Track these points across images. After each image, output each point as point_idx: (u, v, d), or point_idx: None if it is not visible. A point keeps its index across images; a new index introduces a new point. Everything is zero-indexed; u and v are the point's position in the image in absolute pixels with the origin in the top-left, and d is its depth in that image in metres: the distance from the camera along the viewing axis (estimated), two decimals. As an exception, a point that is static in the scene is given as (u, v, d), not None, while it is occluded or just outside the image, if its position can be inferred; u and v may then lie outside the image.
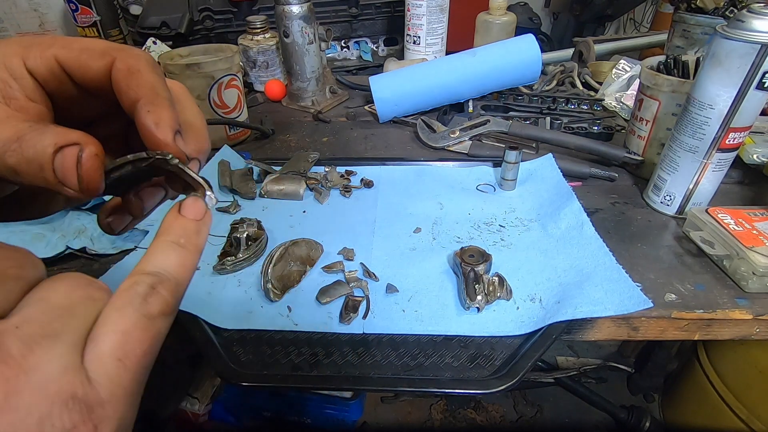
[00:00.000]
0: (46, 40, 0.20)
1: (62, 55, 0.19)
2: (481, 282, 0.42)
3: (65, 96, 0.20)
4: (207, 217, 0.20)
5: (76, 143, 0.17)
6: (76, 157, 0.17)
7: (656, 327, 0.42)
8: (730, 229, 0.44)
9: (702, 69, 0.45)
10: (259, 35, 0.90)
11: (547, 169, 0.59)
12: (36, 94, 0.19)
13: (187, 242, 0.19)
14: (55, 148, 0.17)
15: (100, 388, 0.15)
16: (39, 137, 0.17)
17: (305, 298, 0.43)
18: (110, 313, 0.16)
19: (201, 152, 0.22)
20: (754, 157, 0.58)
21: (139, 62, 0.20)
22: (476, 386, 0.35)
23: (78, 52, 0.19)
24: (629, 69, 0.83)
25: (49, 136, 0.17)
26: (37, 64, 0.19)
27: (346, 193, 0.59)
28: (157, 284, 0.17)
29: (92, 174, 0.18)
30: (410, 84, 0.77)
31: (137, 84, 0.19)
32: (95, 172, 0.18)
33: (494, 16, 0.93)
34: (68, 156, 0.17)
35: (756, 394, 0.82)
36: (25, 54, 0.19)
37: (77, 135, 0.18)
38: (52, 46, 0.19)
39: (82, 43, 0.20)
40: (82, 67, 0.19)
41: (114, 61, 0.19)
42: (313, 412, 1.08)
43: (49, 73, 0.19)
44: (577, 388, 1.10)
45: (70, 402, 0.14)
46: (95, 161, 0.18)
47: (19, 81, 0.19)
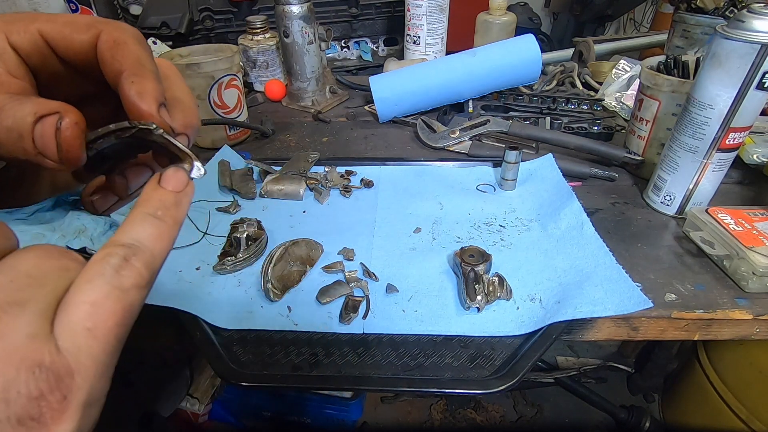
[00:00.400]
0: (29, 15, 0.19)
1: (46, 28, 0.19)
2: (481, 282, 0.42)
3: (50, 72, 0.20)
4: (188, 189, 0.20)
5: (56, 112, 0.17)
6: (55, 125, 0.17)
7: (656, 327, 0.42)
8: (730, 229, 0.44)
9: (702, 69, 0.45)
10: (259, 35, 0.90)
11: (547, 169, 0.59)
12: (19, 70, 0.19)
13: (164, 214, 0.18)
14: (35, 117, 0.17)
15: (70, 357, 0.14)
16: (19, 106, 0.17)
17: (305, 298, 0.43)
18: (81, 284, 0.16)
19: (189, 127, 0.22)
20: (754, 157, 0.58)
21: (125, 34, 0.19)
22: (476, 386, 0.35)
23: (62, 26, 0.19)
24: (629, 69, 0.83)
25: (28, 106, 0.17)
26: (21, 39, 0.19)
27: (346, 193, 0.59)
28: (130, 256, 0.17)
29: (72, 142, 0.17)
30: (410, 84, 0.77)
31: (122, 55, 0.19)
32: (75, 140, 0.18)
33: (494, 16, 0.93)
34: (48, 124, 0.17)
35: (756, 394, 0.82)
36: (8, 29, 0.19)
37: (57, 104, 0.17)
38: (36, 21, 0.19)
39: (67, 17, 0.20)
40: (66, 39, 0.19)
41: (99, 33, 0.19)
42: (313, 412, 1.08)
43: (33, 48, 0.19)
44: (577, 388, 1.10)
45: (37, 370, 0.14)
46: (75, 129, 0.18)
47: (1, 57, 0.19)
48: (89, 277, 0.16)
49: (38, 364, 0.14)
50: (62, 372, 0.14)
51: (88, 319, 0.15)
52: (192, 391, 1.04)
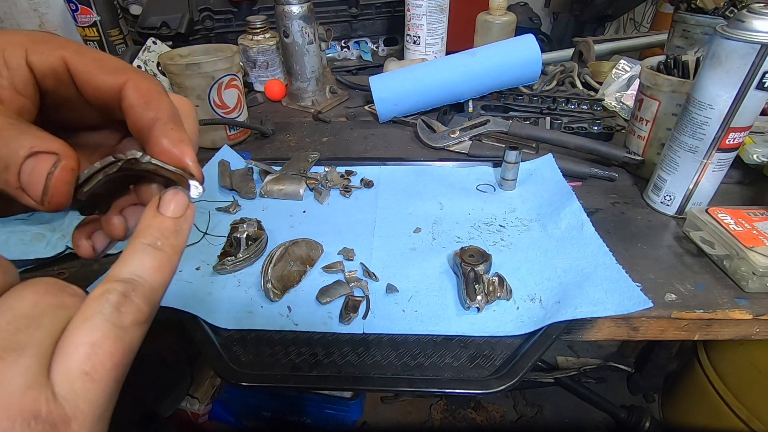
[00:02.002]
0: (59, 40, 0.19)
1: (73, 59, 0.19)
2: (481, 282, 0.42)
3: (60, 97, 0.20)
4: (189, 213, 0.19)
5: (54, 152, 0.17)
6: (50, 166, 0.16)
7: (656, 327, 0.42)
8: (730, 229, 0.44)
9: (702, 69, 0.45)
10: (259, 35, 0.90)
11: (547, 169, 0.59)
12: (26, 88, 0.19)
13: (164, 243, 0.18)
14: (30, 151, 0.16)
15: (66, 404, 0.14)
16: (17, 136, 0.16)
17: (305, 298, 0.43)
18: (79, 323, 0.15)
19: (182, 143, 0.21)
20: (754, 157, 0.58)
21: (158, 86, 0.20)
22: (476, 386, 0.35)
23: (90, 61, 0.19)
24: (629, 69, 0.83)
25: (27, 138, 0.16)
26: (42, 60, 0.19)
27: (346, 193, 0.59)
28: (130, 292, 0.16)
29: (61, 188, 0.17)
30: (410, 84, 0.77)
31: (158, 104, 0.19)
32: (64, 186, 0.17)
33: (494, 16, 0.93)
34: (41, 162, 0.16)
35: (756, 394, 0.82)
36: (32, 47, 0.18)
37: (58, 144, 0.17)
38: (64, 48, 0.19)
39: (96, 54, 0.19)
40: (90, 76, 0.19)
41: (128, 80, 0.19)
42: (313, 412, 1.08)
43: (51, 72, 0.19)
44: (577, 388, 1.10)
45: (33, 422, 0.13)
46: (68, 175, 0.17)
47: (12, 71, 0.18)
48: (87, 315, 0.15)
49: (35, 415, 0.13)
50: (58, 420, 0.14)
51: (86, 362, 0.15)
52: (192, 391, 1.04)
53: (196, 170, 0.20)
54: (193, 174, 0.20)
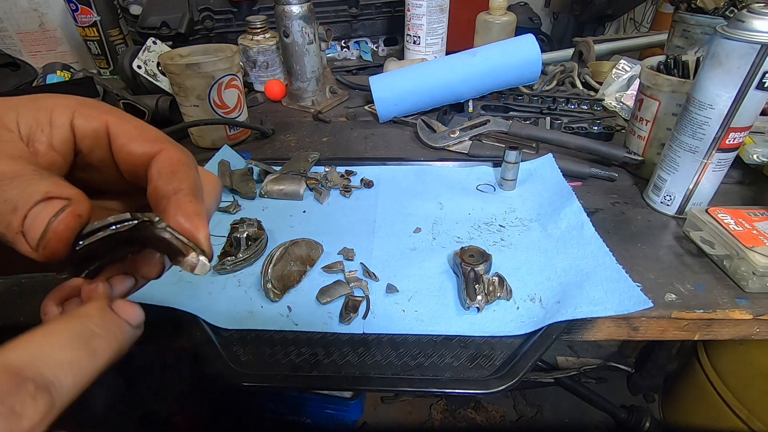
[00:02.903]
0: (106, 107, 0.20)
1: (116, 124, 0.20)
2: (481, 282, 0.42)
3: (92, 159, 0.20)
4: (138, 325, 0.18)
5: (67, 198, 0.16)
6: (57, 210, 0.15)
7: (656, 327, 0.42)
8: (730, 229, 0.44)
9: (702, 69, 0.45)
10: (259, 35, 0.90)
11: (547, 169, 0.59)
12: (63, 146, 0.19)
13: None
14: (44, 196, 0.15)
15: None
16: (36, 181, 0.16)
17: (305, 298, 0.43)
18: None
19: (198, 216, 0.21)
20: (754, 157, 0.58)
21: (189, 159, 0.20)
22: (476, 386, 0.35)
23: (133, 128, 0.20)
24: (629, 69, 0.83)
25: (45, 184, 0.16)
26: (86, 122, 0.19)
27: (346, 193, 0.59)
28: None
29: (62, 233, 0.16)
30: (410, 84, 0.77)
31: (184, 175, 0.19)
32: (65, 232, 0.16)
33: (494, 16, 0.93)
34: (50, 206, 0.15)
35: (756, 394, 0.82)
36: (80, 110, 0.19)
37: (75, 191, 0.16)
38: (110, 114, 0.20)
39: (139, 123, 0.20)
40: (130, 141, 0.20)
41: (162, 150, 0.20)
42: (313, 412, 1.08)
43: (92, 133, 0.19)
44: (577, 388, 1.10)
45: None
46: (73, 221, 0.16)
47: (54, 129, 0.19)
48: None
49: None
50: None
51: None
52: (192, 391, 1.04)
53: (207, 246, 0.19)
54: (204, 250, 0.19)
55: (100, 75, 1.04)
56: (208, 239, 0.19)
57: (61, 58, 1.05)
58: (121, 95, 0.75)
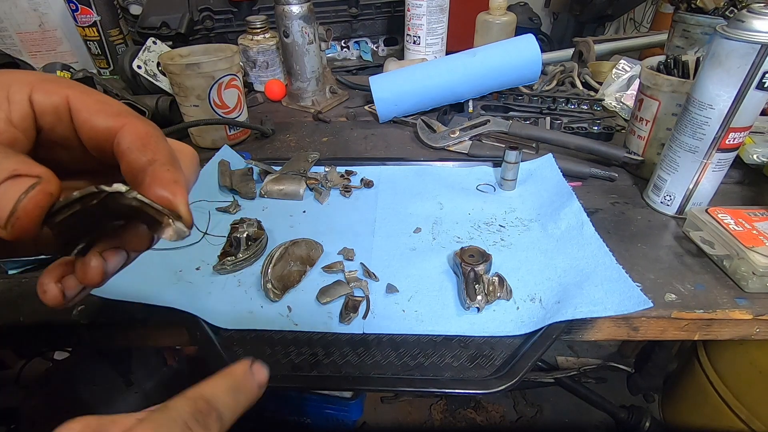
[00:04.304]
0: (68, 82, 0.20)
1: (77, 98, 0.19)
2: (481, 282, 0.42)
3: (56, 136, 0.20)
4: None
5: (36, 176, 0.16)
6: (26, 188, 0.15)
7: (656, 327, 0.42)
8: (730, 229, 0.44)
9: (702, 69, 0.45)
10: (259, 35, 0.90)
11: (547, 169, 0.59)
12: (23, 123, 0.18)
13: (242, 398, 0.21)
14: (11, 174, 0.15)
15: None
16: (1, 158, 0.16)
17: (305, 298, 0.43)
18: None
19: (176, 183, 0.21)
20: (754, 157, 0.58)
21: (156, 130, 0.20)
22: (476, 386, 0.35)
23: (94, 102, 0.19)
24: (629, 69, 0.83)
25: (12, 162, 0.16)
26: (45, 98, 0.19)
27: (346, 193, 0.59)
28: None
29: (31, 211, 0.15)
30: (410, 84, 0.77)
31: (155, 147, 0.19)
32: (35, 210, 0.15)
33: (494, 16, 0.93)
34: (18, 184, 0.15)
35: (756, 394, 0.82)
36: (38, 86, 0.19)
37: (44, 170, 0.16)
38: (71, 88, 0.19)
39: (100, 96, 0.20)
40: (91, 116, 0.19)
41: (125, 124, 0.19)
42: (313, 412, 1.08)
43: (53, 109, 0.19)
44: (577, 388, 1.10)
45: None
46: (44, 199, 0.16)
47: (12, 105, 0.18)
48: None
49: None
50: None
51: None
52: (192, 391, 1.04)
53: (186, 212, 0.19)
54: (182, 215, 0.19)
55: (100, 75, 1.03)
56: (186, 205, 0.19)
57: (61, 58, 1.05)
58: (121, 95, 0.75)
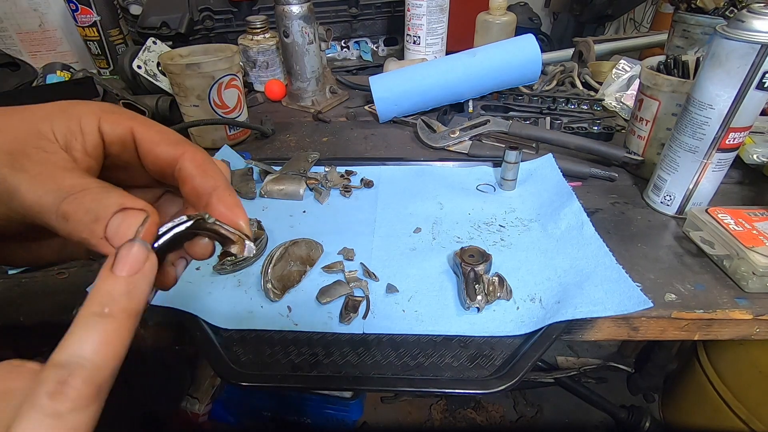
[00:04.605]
0: (127, 112, 0.22)
1: (141, 130, 0.22)
2: (481, 282, 0.42)
3: (120, 161, 0.23)
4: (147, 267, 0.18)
5: (141, 209, 0.19)
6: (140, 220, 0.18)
7: (656, 327, 0.42)
8: (730, 229, 0.44)
9: (702, 69, 0.45)
10: (259, 35, 0.90)
11: (547, 169, 0.59)
12: (95, 151, 0.21)
13: (112, 309, 0.16)
14: (120, 207, 0.18)
15: None
16: (106, 194, 0.19)
17: (305, 298, 0.43)
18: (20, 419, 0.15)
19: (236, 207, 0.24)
20: (754, 157, 0.58)
21: (209, 157, 0.23)
22: (476, 386, 0.35)
23: (155, 133, 0.22)
24: (629, 69, 0.83)
25: (115, 197, 0.19)
26: (112, 128, 0.21)
27: (346, 193, 0.59)
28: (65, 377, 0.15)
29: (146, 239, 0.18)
30: (410, 84, 0.77)
31: (214, 174, 0.22)
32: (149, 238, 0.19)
33: (494, 16, 0.93)
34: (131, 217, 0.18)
35: (756, 394, 0.82)
36: (105, 117, 0.21)
37: (144, 203, 0.19)
38: (134, 120, 0.22)
39: (160, 127, 0.23)
40: (154, 146, 0.22)
41: (185, 152, 0.22)
42: (313, 412, 1.08)
43: (119, 139, 0.22)
44: (577, 388, 1.10)
45: None
46: (154, 229, 0.19)
47: (85, 136, 0.21)
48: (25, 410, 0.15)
49: None
50: None
51: None
52: (192, 391, 1.04)
53: (249, 231, 0.22)
54: (248, 235, 0.22)
55: (100, 75, 1.03)
56: (248, 224, 0.23)
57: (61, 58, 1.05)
58: (121, 95, 0.75)
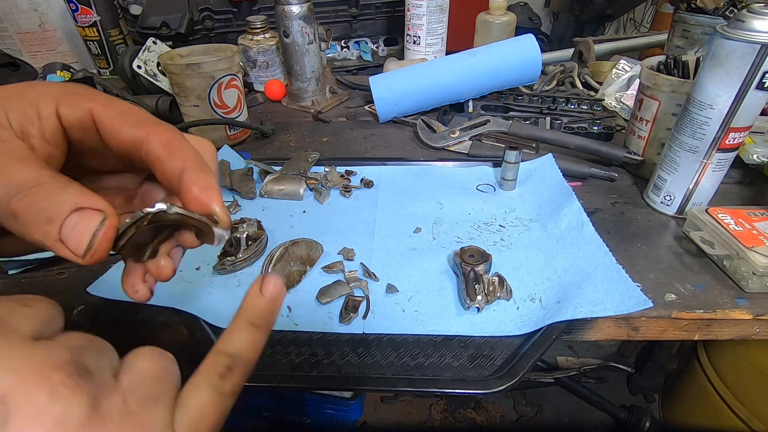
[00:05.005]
0: (87, 92, 0.20)
1: (100, 111, 0.20)
2: (481, 282, 0.42)
3: (85, 146, 0.21)
4: (281, 295, 0.22)
5: (99, 209, 0.18)
6: (97, 223, 0.17)
7: (656, 327, 0.42)
8: (730, 229, 0.44)
9: (702, 69, 0.45)
10: (259, 35, 0.90)
11: (547, 169, 0.59)
12: (55, 138, 0.19)
13: (261, 323, 0.21)
14: (75, 207, 0.17)
15: None
16: (60, 191, 0.17)
17: (305, 298, 0.43)
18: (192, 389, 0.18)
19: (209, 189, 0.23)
20: (754, 157, 0.58)
21: (178, 135, 0.21)
22: (476, 386, 0.35)
23: (117, 114, 0.20)
24: (629, 69, 0.83)
25: (71, 194, 0.17)
26: (70, 111, 0.19)
27: (346, 193, 0.59)
28: (232, 366, 0.19)
29: (105, 244, 0.18)
30: (410, 84, 0.77)
31: (182, 153, 0.20)
32: (107, 243, 0.18)
33: (494, 16, 0.93)
34: (86, 218, 0.17)
35: (756, 394, 0.82)
36: (63, 99, 0.19)
37: (103, 203, 0.18)
38: (92, 100, 0.20)
39: (122, 106, 0.20)
40: (115, 127, 0.20)
41: (149, 133, 0.20)
42: (313, 412, 1.08)
43: (79, 123, 0.20)
44: (577, 388, 1.10)
45: None
46: (112, 233, 0.18)
47: (43, 121, 0.19)
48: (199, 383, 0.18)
49: None
50: None
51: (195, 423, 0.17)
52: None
53: (222, 214, 0.21)
54: (219, 220, 0.21)
55: (100, 75, 1.03)
56: (221, 206, 0.21)
57: (61, 58, 1.05)
58: (121, 95, 0.75)
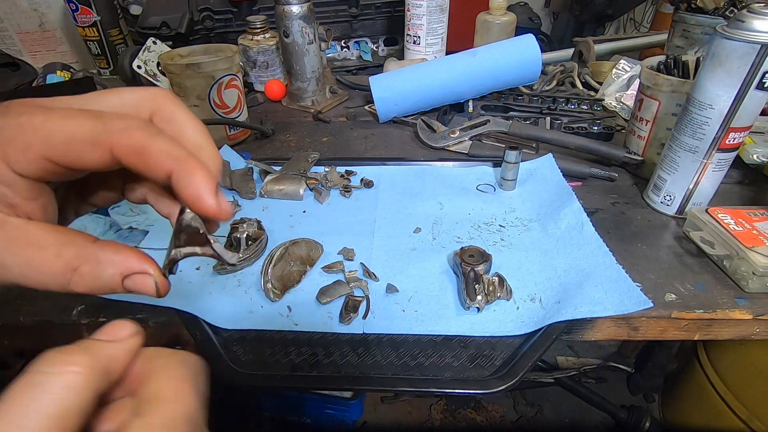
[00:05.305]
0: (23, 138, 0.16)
1: (50, 155, 0.17)
2: (481, 282, 0.42)
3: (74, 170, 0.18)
4: None
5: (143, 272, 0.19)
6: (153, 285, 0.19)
7: (656, 327, 0.42)
8: (730, 229, 0.44)
9: (702, 69, 0.45)
10: (259, 35, 0.90)
11: (547, 169, 0.59)
12: (33, 191, 0.18)
13: None
14: (122, 277, 0.18)
15: None
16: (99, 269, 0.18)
17: (305, 298, 0.43)
18: None
19: None
20: (754, 157, 0.58)
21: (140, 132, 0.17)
22: (476, 386, 0.35)
23: (64, 149, 0.16)
24: (629, 69, 0.83)
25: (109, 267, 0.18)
26: (25, 168, 0.17)
27: (346, 193, 0.59)
28: None
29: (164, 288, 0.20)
30: (410, 84, 0.77)
31: (155, 161, 0.17)
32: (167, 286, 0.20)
33: (494, 16, 0.93)
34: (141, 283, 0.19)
35: (756, 394, 0.82)
36: (5, 158, 0.16)
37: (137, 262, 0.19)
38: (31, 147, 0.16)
39: (65, 133, 0.16)
40: (75, 162, 0.17)
41: (111, 147, 0.17)
42: (313, 412, 1.08)
43: (42, 171, 0.17)
44: (577, 388, 1.10)
45: None
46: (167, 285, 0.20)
47: (11, 186, 0.17)
48: None
49: None
50: None
51: None
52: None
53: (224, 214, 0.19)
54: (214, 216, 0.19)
55: (100, 75, 1.04)
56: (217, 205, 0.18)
57: (61, 58, 1.05)
58: (121, 95, 0.74)
